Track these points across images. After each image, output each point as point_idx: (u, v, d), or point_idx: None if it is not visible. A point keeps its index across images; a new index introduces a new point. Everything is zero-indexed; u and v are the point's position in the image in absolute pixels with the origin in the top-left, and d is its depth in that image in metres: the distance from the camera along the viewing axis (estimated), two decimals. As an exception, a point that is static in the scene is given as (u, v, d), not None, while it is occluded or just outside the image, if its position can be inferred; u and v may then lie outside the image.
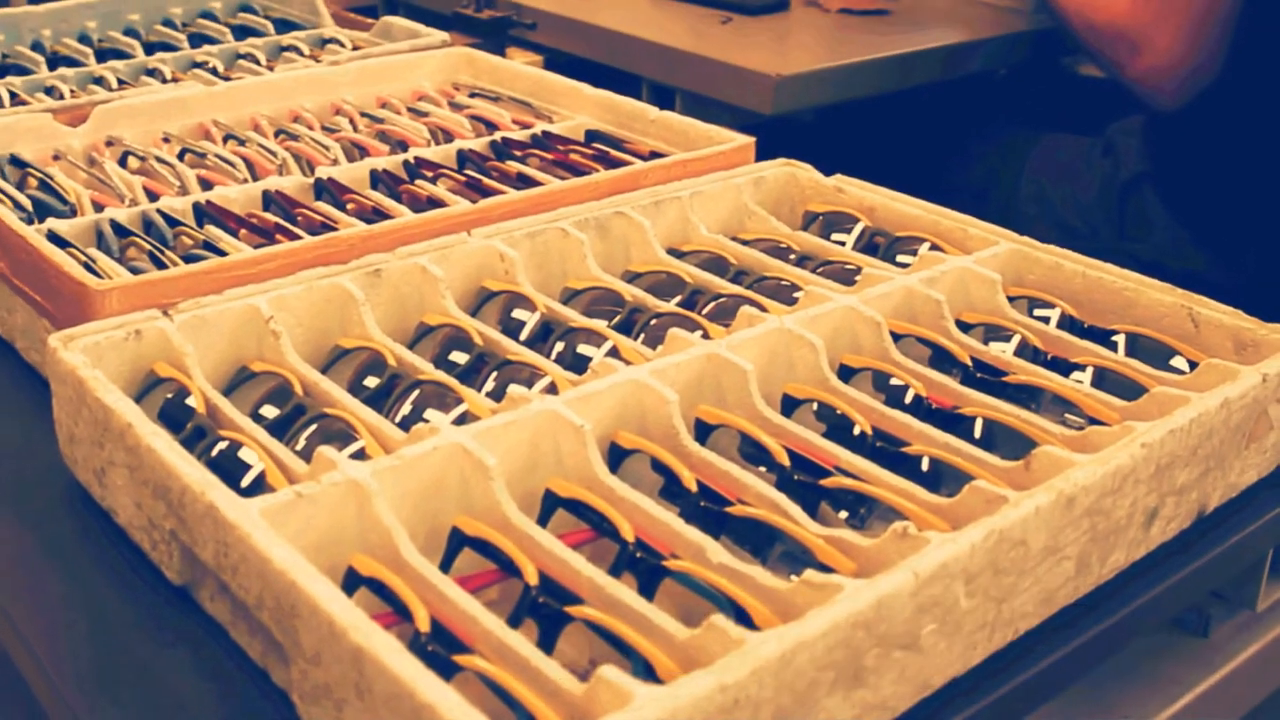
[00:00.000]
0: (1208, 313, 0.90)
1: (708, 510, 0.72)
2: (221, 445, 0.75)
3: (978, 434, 0.80)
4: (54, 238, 0.96)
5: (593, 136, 1.24)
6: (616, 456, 0.77)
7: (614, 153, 1.18)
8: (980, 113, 2.03)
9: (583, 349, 0.87)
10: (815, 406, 0.83)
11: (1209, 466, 0.80)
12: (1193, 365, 0.87)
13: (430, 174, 1.13)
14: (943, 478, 0.76)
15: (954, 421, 0.81)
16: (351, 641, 0.57)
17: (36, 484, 0.84)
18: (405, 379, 0.83)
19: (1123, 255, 1.02)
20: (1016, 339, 0.91)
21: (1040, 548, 0.69)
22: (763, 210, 1.10)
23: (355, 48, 1.46)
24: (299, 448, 0.76)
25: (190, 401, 0.80)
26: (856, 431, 0.80)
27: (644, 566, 0.67)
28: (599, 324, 0.89)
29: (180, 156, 1.17)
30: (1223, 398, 0.78)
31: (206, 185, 1.10)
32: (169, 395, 0.81)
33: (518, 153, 1.19)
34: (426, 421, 0.77)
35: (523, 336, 0.90)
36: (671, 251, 1.03)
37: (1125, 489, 0.73)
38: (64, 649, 0.71)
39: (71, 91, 1.32)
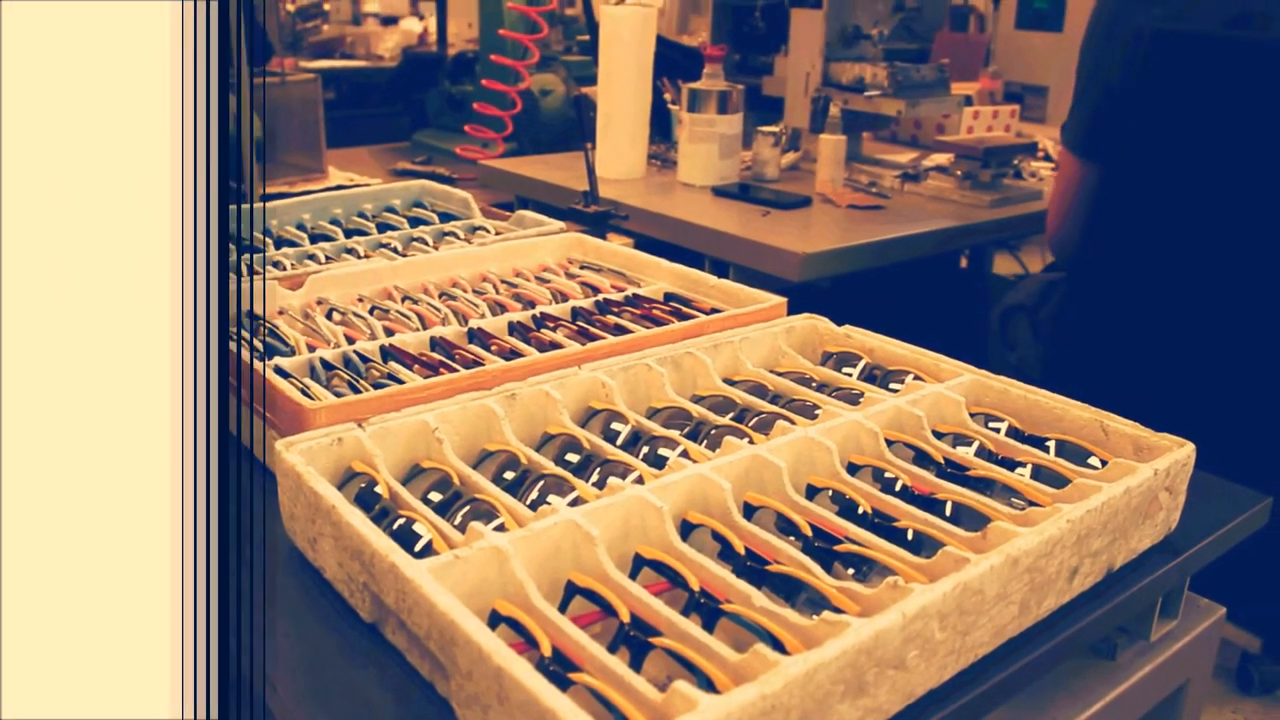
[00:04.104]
0: (1115, 425, 0.90)
1: (752, 568, 0.72)
2: (400, 521, 0.76)
3: (948, 513, 0.80)
4: (279, 371, 0.97)
5: (669, 297, 1.25)
6: (686, 529, 0.77)
7: (685, 309, 1.19)
8: (951, 279, 2.04)
9: (662, 451, 0.87)
10: (830, 493, 0.83)
11: (1115, 536, 0.80)
12: (1104, 463, 0.86)
13: (552, 324, 1.13)
14: (923, 544, 0.76)
15: (931, 504, 0.81)
16: (495, 663, 0.58)
17: (266, 549, 0.84)
18: (533, 473, 0.83)
19: (1051, 385, 1.02)
20: (976, 444, 0.91)
21: (993, 595, 0.69)
22: (792, 351, 1.10)
23: (497, 233, 1.47)
24: (456, 523, 0.76)
25: (378, 489, 0.81)
26: (860, 511, 0.80)
27: (706, 609, 0.68)
28: (674, 433, 0.90)
29: (370, 312, 1.18)
30: (1126, 486, 0.78)
31: (390, 333, 1.11)
32: (362, 485, 0.82)
33: (615, 309, 1.20)
34: (549, 504, 0.77)
35: (618, 442, 0.90)
36: (726, 380, 1.03)
37: (1055, 553, 0.73)
38: (286, 669, 0.71)
39: (291, 265, 1.33)
